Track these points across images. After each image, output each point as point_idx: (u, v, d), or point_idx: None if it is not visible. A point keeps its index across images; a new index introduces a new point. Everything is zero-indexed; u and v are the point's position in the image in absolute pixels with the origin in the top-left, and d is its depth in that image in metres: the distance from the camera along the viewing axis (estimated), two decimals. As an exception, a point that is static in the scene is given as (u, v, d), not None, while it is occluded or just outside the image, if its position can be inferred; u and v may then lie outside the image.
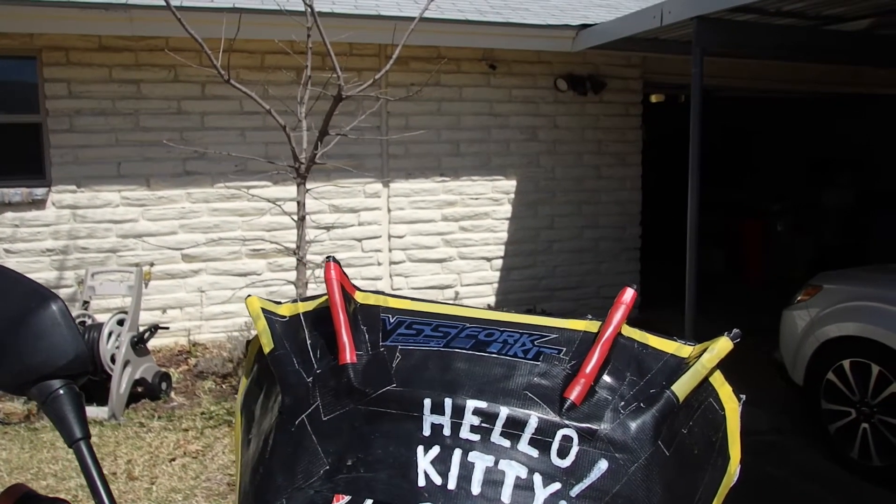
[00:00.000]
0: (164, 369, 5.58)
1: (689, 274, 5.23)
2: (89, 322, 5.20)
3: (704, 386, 0.85)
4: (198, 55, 5.91)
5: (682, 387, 0.81)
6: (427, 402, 0.78)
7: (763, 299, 7.41)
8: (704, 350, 0.84)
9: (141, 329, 5.27)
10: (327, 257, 0.90)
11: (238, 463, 0.91)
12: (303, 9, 4.85)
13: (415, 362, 0.83)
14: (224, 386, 5.64)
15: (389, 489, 0.74)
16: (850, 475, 4.30)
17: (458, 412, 0.77)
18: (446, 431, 0.77)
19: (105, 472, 3.94)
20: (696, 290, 5.25)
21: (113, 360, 4.99)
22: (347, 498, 0.74)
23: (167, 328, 5.94)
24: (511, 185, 7.59)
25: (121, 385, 4.96)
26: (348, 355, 0.82)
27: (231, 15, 5.32)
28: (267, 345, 0.87)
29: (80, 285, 5.90)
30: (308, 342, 0.88)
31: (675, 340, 0.89)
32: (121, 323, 5.15)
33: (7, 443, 4.61)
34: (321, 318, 0.90)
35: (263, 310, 0.91)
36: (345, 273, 0.90)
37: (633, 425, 0.77)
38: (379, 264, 7.20)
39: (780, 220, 10.11)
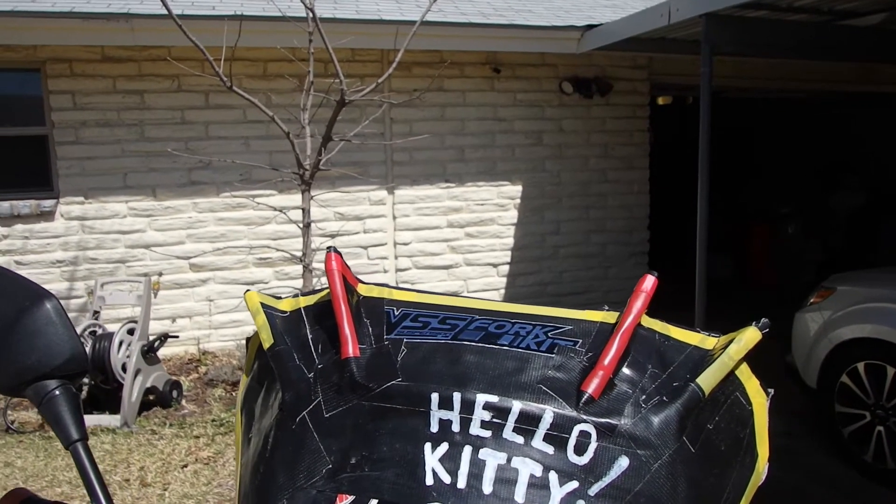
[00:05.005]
0: (174, 377, 5.59)
1: (699, 277, 5.08)
2: (100, 332, 5.23)
3: (731, 379, 0.80)
4: (200, 64, 5.94)
5: (707, 379, 0.76)
6: (434, 397, 0.74)
7: (772, 303, 7.33)
8: (730, 341, 0.79)
9: (151, 338, 5.29)
10: (328, 247, 0.86)
11: (238, 463, 0.87)
12: (304, 14, 4.87)
13: (421, 356, 0.79)
14: (234, 393, 5.64)
15: (396, 488, 0.70)
16: (863, 479, 4.24)
17: (468, 407, 0.73)
18: (455, 427, 0.72)
19: (118, 478, 3.92)
20: (705, 294, 5.11)
21: (124, 368, 5.00)
22: (351, 498, 0.71)
23: (177, 337, 5.94)
24: (517, 190, 7.56)
25: (132, 393, 4.96)
26: (350, 349, 0.78)
27: (233, 23, 5.34)
28: (267, 340, 0.84)
29: (90, 295, 5.91)
30: (309, 336, 0.84)
31: (699, 332, 0.84)
32: (131, 332, 5.17)
33: (22, 451, 4.62)
34: (323, 311, 0.86)
35: (263, 304, 0.87)
36: (346, 264, 0.86)
37: (656, 420, 0.73)
38: (385, 272, 7.19)
39: (789, 224, 9.92)
